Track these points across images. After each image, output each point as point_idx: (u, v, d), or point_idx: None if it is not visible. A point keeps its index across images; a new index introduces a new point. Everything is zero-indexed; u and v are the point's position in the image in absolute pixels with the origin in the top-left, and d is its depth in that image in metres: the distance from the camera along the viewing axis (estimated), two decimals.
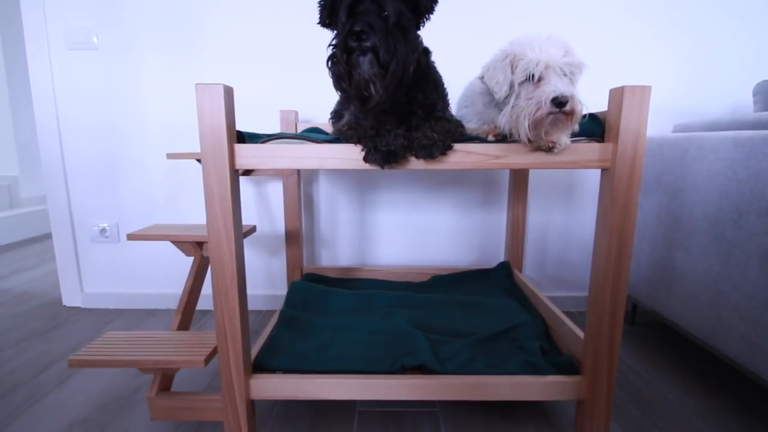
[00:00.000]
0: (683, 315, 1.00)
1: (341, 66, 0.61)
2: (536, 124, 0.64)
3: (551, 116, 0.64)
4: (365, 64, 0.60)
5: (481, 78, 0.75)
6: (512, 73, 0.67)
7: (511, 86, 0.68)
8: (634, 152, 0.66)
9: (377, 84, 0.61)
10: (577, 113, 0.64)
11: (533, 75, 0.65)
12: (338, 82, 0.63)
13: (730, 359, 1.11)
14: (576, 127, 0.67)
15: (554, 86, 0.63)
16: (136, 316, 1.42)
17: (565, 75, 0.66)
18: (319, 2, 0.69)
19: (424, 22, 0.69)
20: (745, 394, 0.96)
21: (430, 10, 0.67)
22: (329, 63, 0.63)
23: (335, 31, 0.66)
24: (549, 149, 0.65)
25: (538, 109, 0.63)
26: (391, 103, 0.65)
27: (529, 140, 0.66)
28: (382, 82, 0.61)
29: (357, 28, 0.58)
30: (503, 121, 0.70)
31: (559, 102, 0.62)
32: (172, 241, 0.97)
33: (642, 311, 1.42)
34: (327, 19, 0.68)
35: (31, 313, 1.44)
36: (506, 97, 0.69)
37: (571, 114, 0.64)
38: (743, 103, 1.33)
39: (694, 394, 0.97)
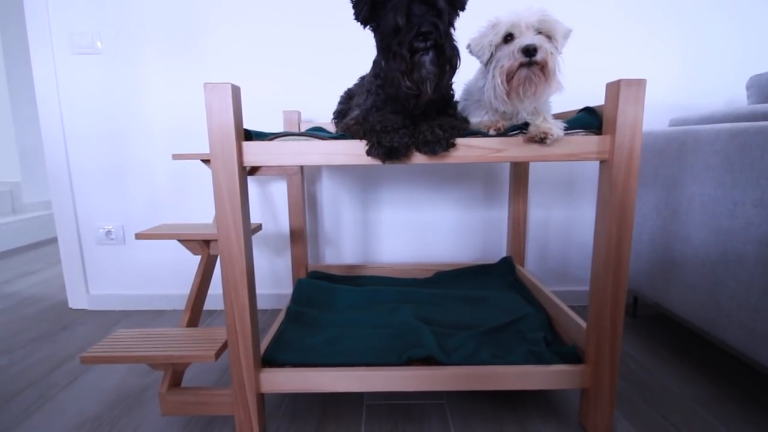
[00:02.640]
0: (683, 305, 1.02)
1: (407, 64, 0.62)
2: (509, 77, 0.66)
3: (524, 70, 0.65)
4: (427, 63, 0.62)
5: (468, 47, 0.79)
6: None
7: (492, 54, 0.71)
8: (631, 144, 0.68)
9: (432, 82, 0.64)
10: (550, 68, 0.65)
11: (504, 33, 0.68)
12: (401, 79, 0.63)
13: (729, 347, 1.13)
14: (559, 85, 0.69)
15: (524, 39, 0.66)
16: (142, 317, 1.44)
17: (539, 33, 0.68)
18: None
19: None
20: (745, 382, 0.98)
21: (462, 6, 0.70)
22: (393, 61, 0.62)
23: (377, 29, 0.68)
24: (542, 140, 0.67)
25: (509, 60, 0.65)
26: (431, 101, 0.67)
27: (507, 97, 0.68)
28: (437, 80, 0.64)
29: (425, 29, 0.59)
30: (487, 90, 0.72)
31: (527, 49, 0.64)
32: (180, 240, 0.99)
33: (643, 304, 1.43)
34: (367, 14, 0.67)
35: (38, 316, 1.45)
36: (487, 64, 0.71)
37: (544, 67, 0.65)
38: (738, 96, 1.36)
39: (696, 382, 0.98)
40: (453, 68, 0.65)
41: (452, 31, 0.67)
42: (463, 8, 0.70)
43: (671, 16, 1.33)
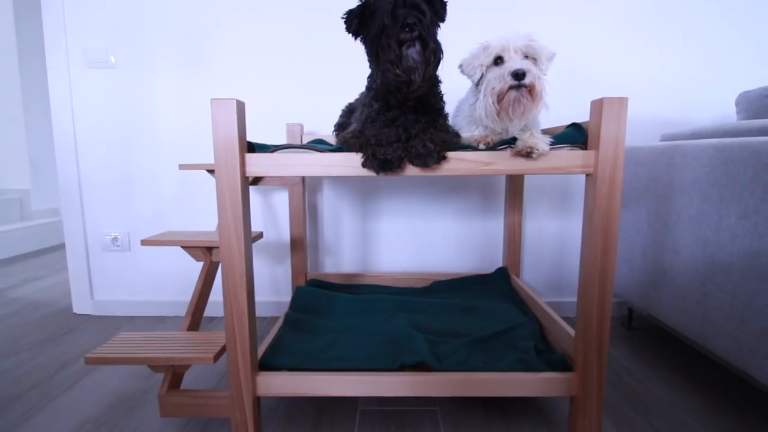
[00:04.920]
0: (674, 317, 1.04)
1: (395, 54, 0.68)
2: (500, 98, 0.72)
3: (513, 92, 0.71)
4: (414, 54, 0.69)
5: (460, 67, 0.84)
6: None
7: (482, 75, 0.76)
8: (614, 158, 0.71)
9: (420, 71, 0.70)
10: (537, 90, 0.71)
11: (494, 56, 0.74)
12: (391, 68, 0.69)
13: (718, 358, 1.14)
14: (545, 105, 0.75)
15: (513, 63, 0.72)
16: (145, 323, 1.47)
17: (527, 57, 0.74)
18: (348, 12, 0.76)
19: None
20: (736, 393, 0.99)
21: (443, 18, 0.76)
22: (382, 54, 0.69)
23: (366, 37, 0.75)
24: (528, 154, 0.70)
25: (499, 82, 0.71)
26: (421, 93, 0.73)
27: (498, 116, 0.74)
28: (424, 69, 0.70)
29: (410, 21, 0.67)
30: (478, 108, 0.77)
31: (516, 73, 0.70)
32: (183, 247, 1.02)
33: (638, 316, 1.44)
34: (357, 27, 0.75)
35: (43, 320, 1.48)
36: (478, 84, 0.76)
37: (532, 90, 0.71)
38: (729, 112, 1.39)
39: (687, 393, 0.99)
40: (437, 59, 0.71)
41: (436, 31, 0.73)
42: (443, 20, 0.76)
43: (665, 32, 1.38)
